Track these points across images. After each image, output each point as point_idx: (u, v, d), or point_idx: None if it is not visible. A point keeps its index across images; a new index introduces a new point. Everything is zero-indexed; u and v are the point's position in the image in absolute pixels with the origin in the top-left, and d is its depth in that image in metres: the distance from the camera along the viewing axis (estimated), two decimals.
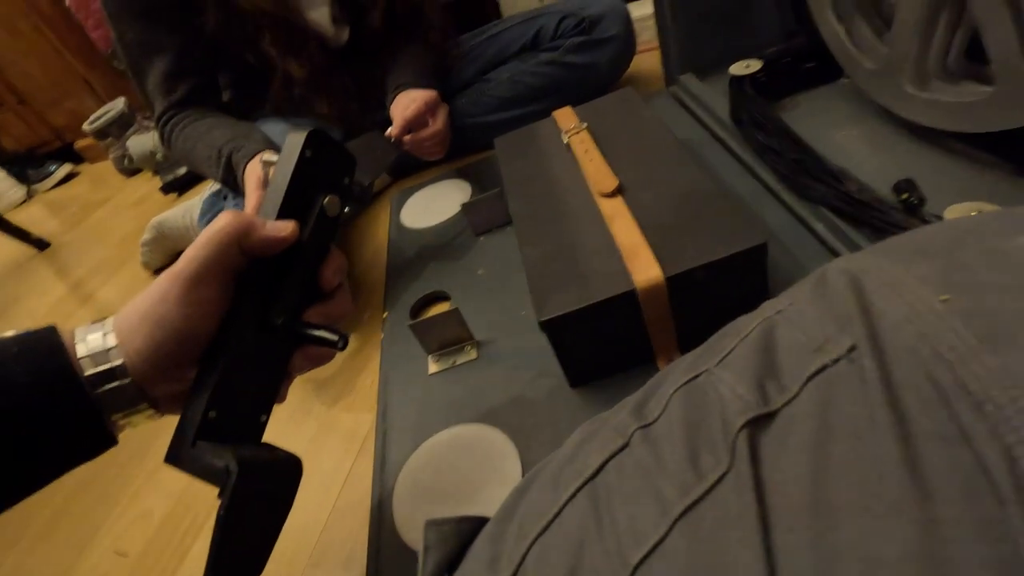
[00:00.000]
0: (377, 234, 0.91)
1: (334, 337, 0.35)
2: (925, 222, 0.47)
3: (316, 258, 0.37)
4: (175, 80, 0.80)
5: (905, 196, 0.48)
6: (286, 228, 0.34)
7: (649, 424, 0.22)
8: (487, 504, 0.48)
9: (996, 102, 0.49)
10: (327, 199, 0.36)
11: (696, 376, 0.23)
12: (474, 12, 1.17)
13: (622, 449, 0.22)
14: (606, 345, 0.51)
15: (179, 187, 1.51)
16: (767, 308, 0.24)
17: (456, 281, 0.73)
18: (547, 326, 0.47)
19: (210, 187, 0.96)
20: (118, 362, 0.29)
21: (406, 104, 0.77)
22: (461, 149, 1.00)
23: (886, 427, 0.16)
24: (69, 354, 0.29)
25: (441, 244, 0.81)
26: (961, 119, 0.54)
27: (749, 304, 0.50)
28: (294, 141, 0.36)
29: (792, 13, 0.85)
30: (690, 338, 0.51)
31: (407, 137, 0.77)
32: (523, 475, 0.48)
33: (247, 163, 0.69)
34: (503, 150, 0.72)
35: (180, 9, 0.78)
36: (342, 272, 0.37)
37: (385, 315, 0.73)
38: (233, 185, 0.76)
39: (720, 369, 0.22)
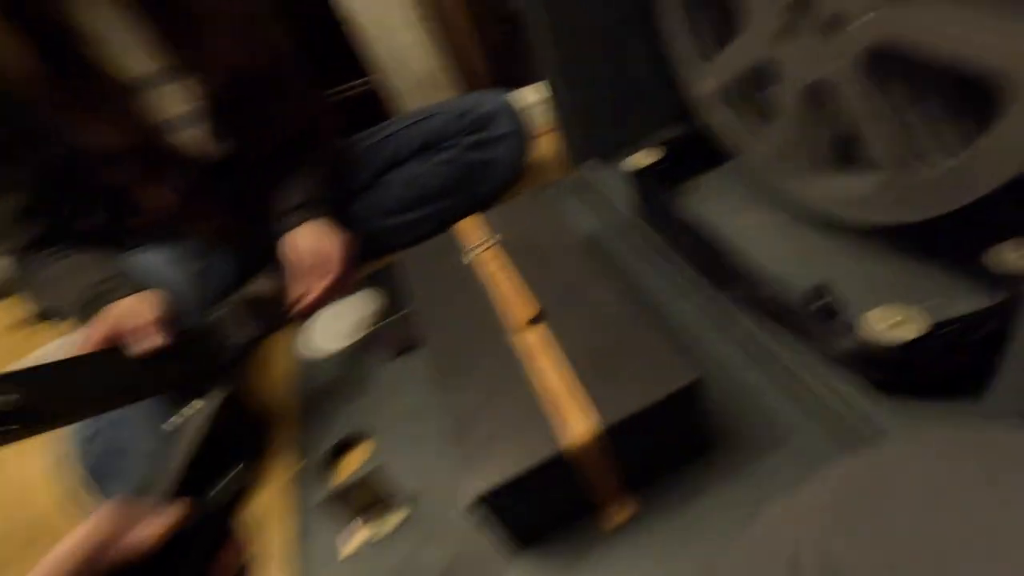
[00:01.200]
0: (281, 363, 0.82)
1: None
2: (844, 328, 0.46)
3: (211, 541, 0.31)
4: (29, 218, 0.70)
5: (822, 302, 0.47)
6: (172, 517, 0.29)
7: None
8: None
9: (883, 199, 0.51)
10: (229, 476, 0.33)
11: None
12: (366, 112, 1.14)
13: None
14: (545, 507, 0.45)
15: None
16: None
17: (376, 416, 0.66)
18: (474, 506, 0.41)
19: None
20: None
21: (304, 269, 0.71)
22: (364, 255, 0.94)
23: None
24: None
25: (355, 370, 0.73)
26: (856, 212, 0.55)
27: (688, 434, 0.48)
28: (198, 416, 0.35)
29: (681, 95, 0.88)
30: (635, 478, 0.47)
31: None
32: None
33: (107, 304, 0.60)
34: (410, 271, 0.67)
35: (21, 144, 0.68)
36: (238, 561, 0.31)
37: (298, 466, 0.64)
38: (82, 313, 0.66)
39: None
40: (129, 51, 0.69)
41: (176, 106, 0.75)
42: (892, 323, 0.43)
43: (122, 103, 0.70)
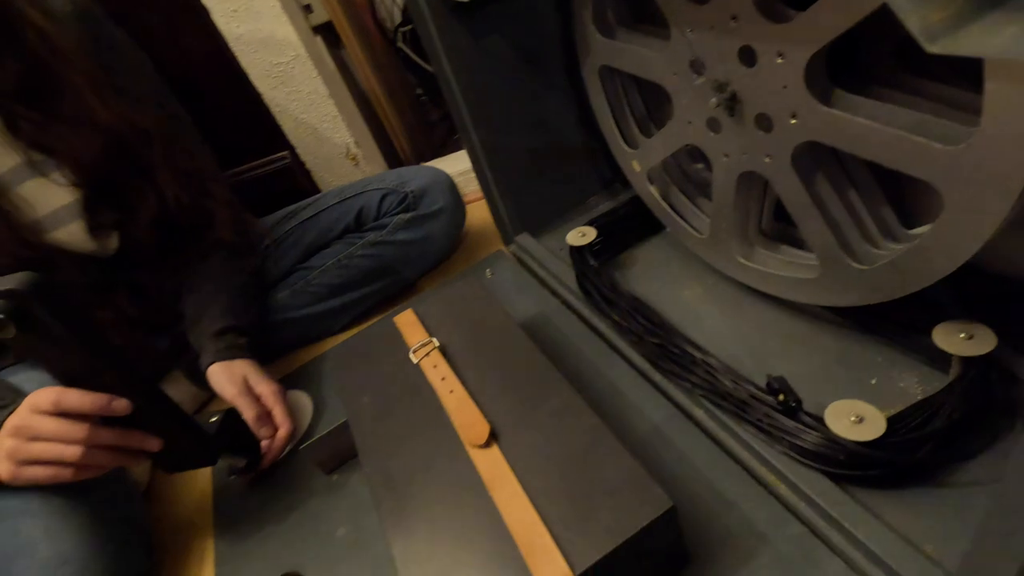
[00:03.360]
0: (196, 483, 0.72)
1: None
2: (807, 425, 0.45)
3: None
4: None
5: (781, 397, 0.46)
6: None
7: None
8: None
9: (824, 284, 0.51)
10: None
11: None
12: (285, 188, 1.07)
13: None
14: None
15: None
16: None
17: (311, 549, 0.58)
18: None
19: None
20: None
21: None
22: (287, 347, 0.87)
23: None
24: None
25: (284, 493, 0.65)
26: (798, 293, 0.56)
27: (665, 554, 0.45)
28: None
29: (606, 164, 0.89)
30: None
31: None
32: None
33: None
34: (342, 376, 0.61)
35: None
36: None
37: None
38: None
39: None
40: None
41: (52, 200, 0.66)
42: (851, 420, 0.43)
43: None
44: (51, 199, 0.66)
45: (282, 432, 0.66)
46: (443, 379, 0.54)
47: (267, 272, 0.85)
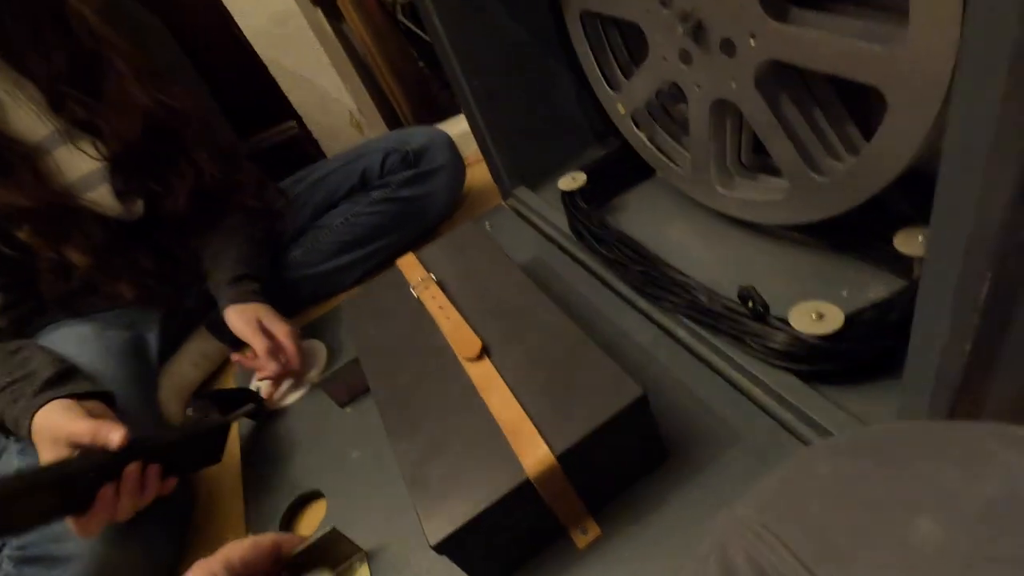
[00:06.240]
0: None
1: None
2: (773, 327, 0.48)
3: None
4: None
5: (750, 304, 0.50)
6: None
7: None
8: None
9: (792, 201, 0.54)
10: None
11: None
12: (294, 156, 1.12)
13: None
14: (513, 537, 0.45)
15: None
16: None
17: (328, 471, 0.63)
18: (442, 548, 0.41)
19: None
20: None
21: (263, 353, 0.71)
22: (303, 302, 0.92)
23: None
24: None
25: (303, 424, 0.71)
26: (771, 214, 0.58)
27: (642, 448, 0.49)
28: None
29: (599, 116, 0.92)
30: (596, 498, 0.47)
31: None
32: None
33: (31, 418, 0.55)
34: (352, 316, 0.66)
35: None
36: None
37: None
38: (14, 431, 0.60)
39: None
40: (23, 115, 0.66)
41: (82, 166, 0.71)
42: (812, 318, 0.46)
43: (25, 166, 0.66)
44: (80, 164, 0.71)
45: (292, 365, 0.72)
46: (440, 307, 0.58)
47: (282, 231, 0.90)
